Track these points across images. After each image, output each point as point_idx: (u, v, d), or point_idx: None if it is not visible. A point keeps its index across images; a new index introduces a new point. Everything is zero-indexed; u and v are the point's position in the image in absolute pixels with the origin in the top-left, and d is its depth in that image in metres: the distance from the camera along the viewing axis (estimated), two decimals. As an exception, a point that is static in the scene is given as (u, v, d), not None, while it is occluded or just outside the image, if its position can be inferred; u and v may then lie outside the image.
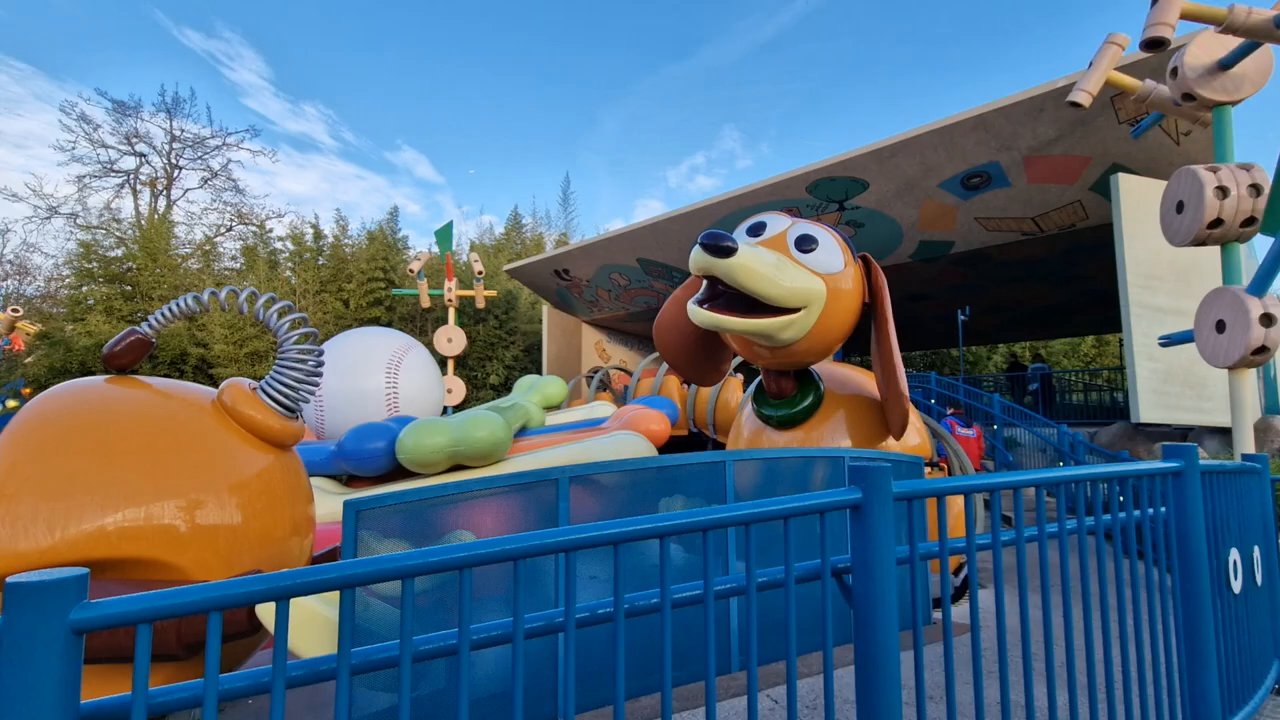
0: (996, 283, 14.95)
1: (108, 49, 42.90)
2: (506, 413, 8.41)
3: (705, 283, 4.71)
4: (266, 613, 2.81)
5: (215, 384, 19.16)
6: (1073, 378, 20.93)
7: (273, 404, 3.64)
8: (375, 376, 8.24)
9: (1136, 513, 2.19)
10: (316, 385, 3.87)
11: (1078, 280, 14.49)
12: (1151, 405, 8.81)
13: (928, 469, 8.11)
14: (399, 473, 6.93)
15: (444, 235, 18.17)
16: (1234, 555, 2.61)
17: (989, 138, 10.33)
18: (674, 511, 1.40)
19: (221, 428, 3.46)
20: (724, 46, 67.23)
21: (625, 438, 6.84)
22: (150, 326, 3.64)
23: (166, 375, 19.21)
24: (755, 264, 4.21)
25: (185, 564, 3.03)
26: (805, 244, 4.68)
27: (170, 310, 3.66)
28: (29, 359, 20.19)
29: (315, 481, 6.97)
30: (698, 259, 4.18)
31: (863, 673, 1.52)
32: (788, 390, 5.37)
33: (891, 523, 1.53)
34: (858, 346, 23.62)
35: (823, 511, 1.51)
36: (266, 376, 3.73)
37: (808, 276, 4.58)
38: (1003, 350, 28.05)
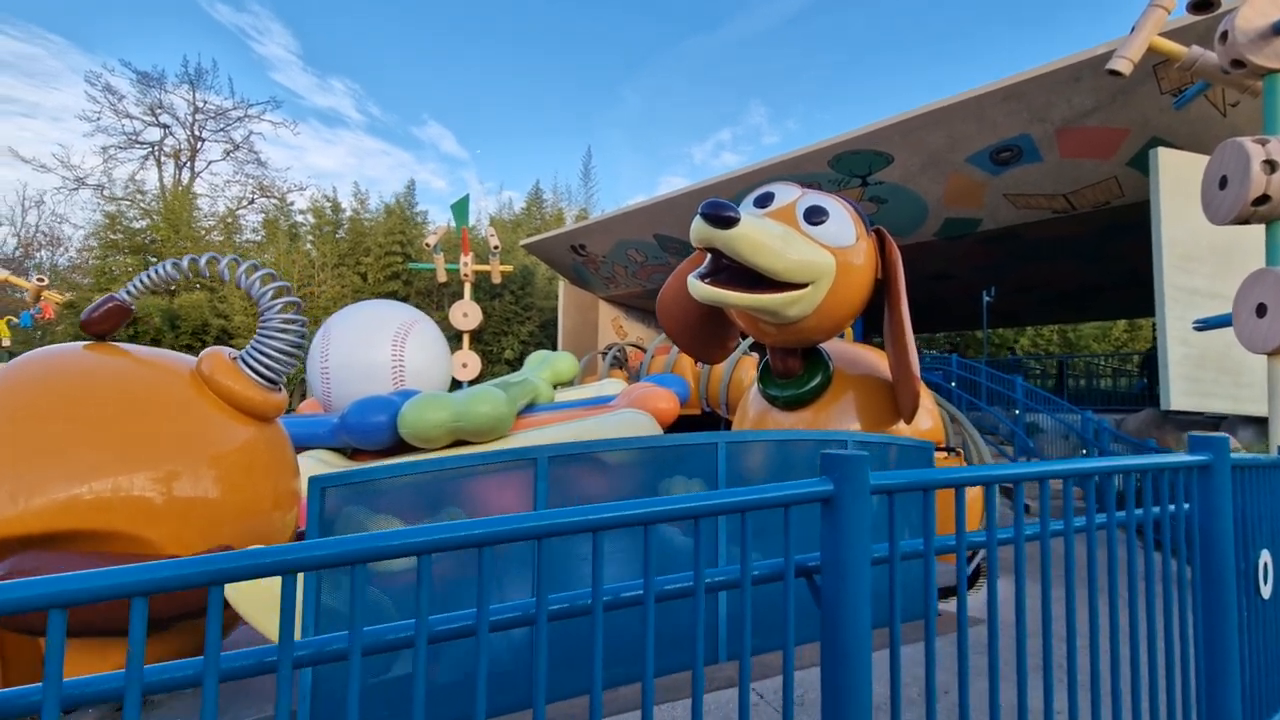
0: (1024, 262, 14.43)
1: (140, 23, 43.38)
2: (514, 389, 8.31)
3: (709, 256, 4.51)
4: (233, 592, 2.73)
5: (236, 355, 19.41)
6: (1102, 363, 20.32)
7: (253, 375, 3.54)
8: (382, 349, 8.17)
9: (1156, 509, 1.98)
10: (300, 356, 3.77)
11: (1110, 261, 13.92)
12: (1183, 392, 8.42)
13: (943, 454, 7.88)
14: (402, 447, 6.88)
15: (460, 209, 18.04)
16: (1265, 558, 2.39)
17: (1021, 108, 9.84)
18: (620, 502, 1.24)
19: (200, 398, 3.37)
20: (751, 18, 65.48)
21: (629, 416, 6.70)
22: (129, 293, 3.56)
23: (189, 345, 19.47)
24: (759, 236, 3.99)
25: (157, 538, 2.96)
26: (814, 215, 4.44)
27: (150, 276, 3.56)
28: (59, 328, 20.62)
29: (318, 454, 6.95)
30: (698, 230, 3.97)
31: (829, 681, 1.36)
32: (795, 369, 5.17)
33: (867, 518, 1.35)
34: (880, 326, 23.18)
35: (787, 505, 1.33)
36: (248, 346, 3.64)
37: (816, 250, 4.35)
38: (1029, 332, 27.32)
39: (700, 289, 4.18)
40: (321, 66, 54.94)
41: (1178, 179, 8.78)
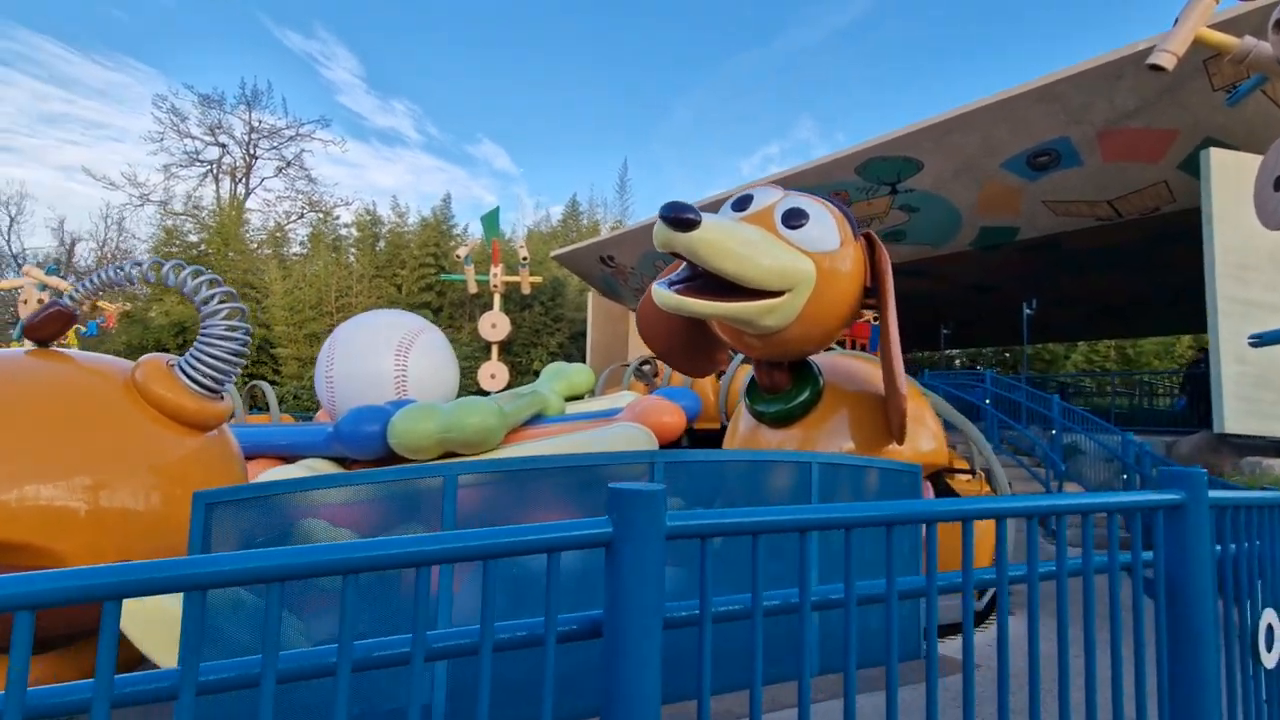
0: (1068, 274, 13.60)
1: (218, 50, 46.49)
2: (520, 400, 8.18)
3: (684, 263, 4.27)
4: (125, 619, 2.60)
5: (278, 364, 19.93)
6: (1160, 380, 18.99)
7: (190, 383, 3.45)
8: (385, 359, 8.14)
9: (1100, 557, 1.63)
10: (242, 363, 3.68)
11: (1163, 272, 12.99)
12: (1239, 414, 7.69)
13: (965, 479, 7.35)
14: (396, 457, 6.80)
15: (490, 221, 18.23)
16: (1269, 618, 1.98)
17: (1058, 110, 9.25)
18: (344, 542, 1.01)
19: (131, 407, 3.29)
20: (801, 32, 64.81)
21: (621, 430, 6.44)
22: (72, 299, 3.53)
23: (232, 354, 20.11)
24: (724, 239, 3.72)
25: (67, 551, 2.85)
26: (793, 219, 4.14)
27: (91, 282, 3.54)
28: (123, 338, 21.66)
29: (310, 463, 6.92)
30: (658, 233, 3.73)
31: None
32: (782, 384, 4.84)
33: (658, 568, 1.09)
34: (918, 341, 22.34)
35: (552, 550, 1.08)
36: (188, 352, 3.56)
37: (794, 255, 4.04)
38: (1082, 348, 25.82)
39: (663, 296, 3.92)
40: (383, 89, 57.61)
41: (1231, 182, 8.08)
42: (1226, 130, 8.54)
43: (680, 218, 3.56)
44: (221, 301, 3.60)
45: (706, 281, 4.10)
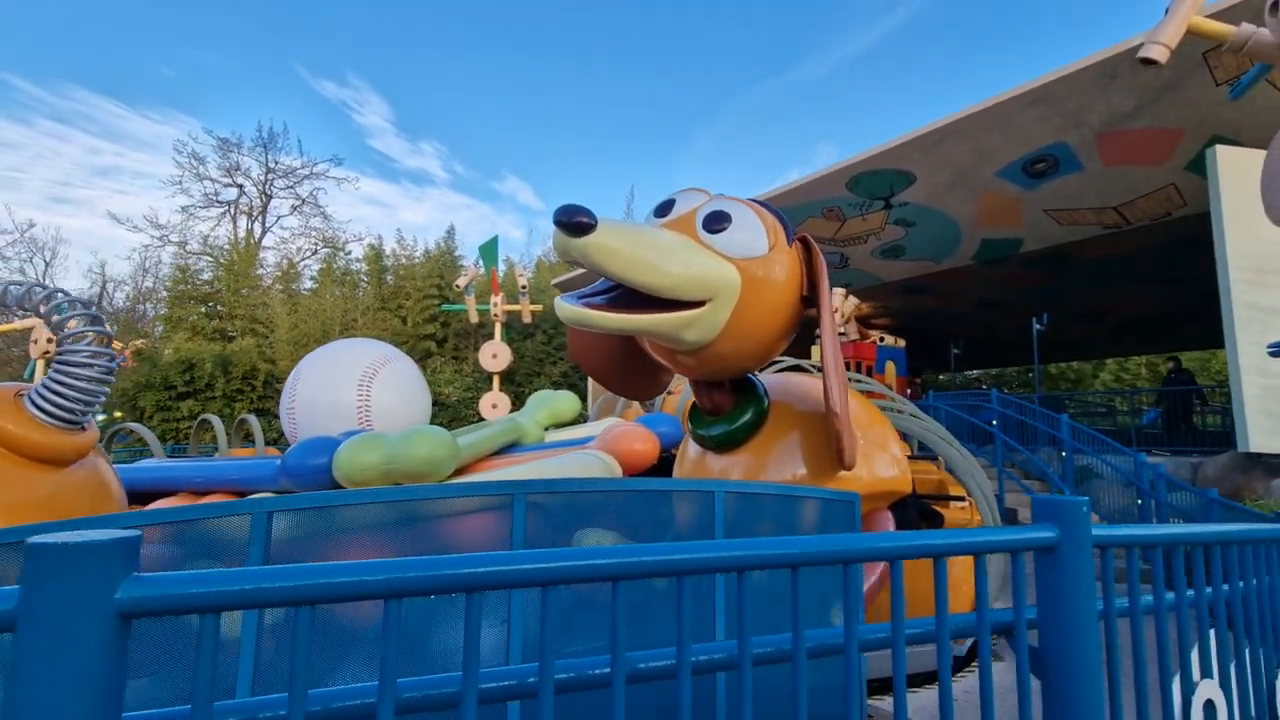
0: (1080, 287, 12.93)
1: (256, 100, 48.91)
2: (490, 428, 7.85)
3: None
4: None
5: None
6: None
7: (40, 415, 3.18)
8: (348, 389, 7.90)
9: (908, 630, 1.21)
10: (105, 392, 3.40)
11: (1184, 282, 12.27)
12: (1264, 431, 7.01)
13: (959, 507, 6.75)
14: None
15: (489, 250, 18.17)
16: (1208, 692, 1.50)
17: (1051, 114, 8.80)
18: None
19: (-27, 440, 3.03)
20: (817, 61, 65.62)
21: (575, 459, 6.03)
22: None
23: (239, 389, 20.20)
24: (624, 244, 3.34)
25: None
26: (714, 223, 3.76)
27: (-57, 309, 3.31)
28: (136, 377, 22.00)
29: (263, 499, 6.64)
30: (555, 240, 3.37)
31: None
32: (723, 405, 4.42)
33: (108, 668, 0.72)
34: (926, 361, 21.58)
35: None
36: (40, 381, 3.30)
37: (715, 261, 3.65)
38: (1111, 366, 24.64)
39: (565, 310, 3.52)
40: (412, 131, 60.04)
41: (1241, 181, 7.53)
42: (1235, 126, 8.01)
43: (572, 221, 3.20)
44: (85, 325, 3.35)
45: (628, 294, 3.74)
